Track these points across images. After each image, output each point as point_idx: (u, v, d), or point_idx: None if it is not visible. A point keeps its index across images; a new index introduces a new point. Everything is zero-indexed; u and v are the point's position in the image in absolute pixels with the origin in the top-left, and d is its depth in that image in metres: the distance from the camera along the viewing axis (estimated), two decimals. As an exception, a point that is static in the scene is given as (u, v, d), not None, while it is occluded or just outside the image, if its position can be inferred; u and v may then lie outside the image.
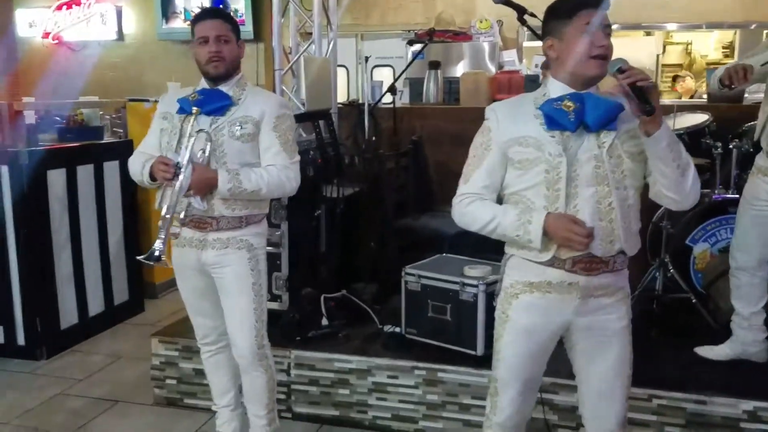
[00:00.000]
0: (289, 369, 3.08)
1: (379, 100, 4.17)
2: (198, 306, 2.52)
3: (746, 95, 4.17)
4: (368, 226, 3.82)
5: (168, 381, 3.26)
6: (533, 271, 1.85)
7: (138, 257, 2.36)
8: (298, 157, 2.44)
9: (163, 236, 2.25)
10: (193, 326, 2.59)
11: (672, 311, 3.30)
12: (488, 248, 3.62)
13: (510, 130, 1.83)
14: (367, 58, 4.44)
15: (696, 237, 3.46)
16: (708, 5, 6.14)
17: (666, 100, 5.96)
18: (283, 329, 3.15)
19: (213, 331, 2.56)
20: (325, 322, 3.27)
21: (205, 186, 2.28)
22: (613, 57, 1.79)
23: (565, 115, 1.77)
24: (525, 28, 3.28)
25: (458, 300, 3.00)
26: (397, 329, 3.17)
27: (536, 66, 4.98)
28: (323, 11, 4.20)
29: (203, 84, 2.40)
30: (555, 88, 1.83)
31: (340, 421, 3.02)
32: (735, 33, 7.17)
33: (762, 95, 2.73)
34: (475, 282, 2.97)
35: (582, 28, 1.76)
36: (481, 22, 5.63)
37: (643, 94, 1.71)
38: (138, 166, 2.38)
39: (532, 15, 3.08)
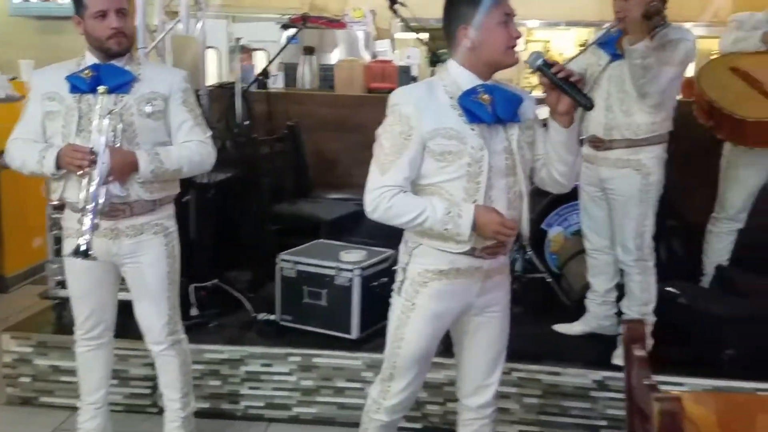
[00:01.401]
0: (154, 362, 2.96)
1: (252, 83, 4.09)
2: (93, 298, 2.37)
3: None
4: (243, 213, 3.76)
5: (22, 379, 3.04)
6: (444, 259, 1.89)
7: (63, 255, 2.20)
8: (210, 132, 2.36)
9: (87, 229, 2.07)
10: (77, 319, 2.42)
11: (530, 290, 3.50)
12: (364, 233, 3.73)
13: (432, 121, 1.82)
14: (238, 40, 4.33)
15: (550, 221, 3.72)
16: (567, 3, 6.52)
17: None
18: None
19: (99, 325, 2.42)
20: (194, 312, 3.18)
21: (127, 171, 2.14)
22: None
23: (484, 108, 1.82)
24: (398, 20, 3.34)
25: (334, 285, 3.03)
26: (272, 317, 3.15)
27: (408, 57, 5.11)
28: (192, -11, 4.06)
29: (91, 59, 2.22)
30: (463, 77, 1.86)
31: (211, 413, 2.95)
32: (591, 31, 7.70)
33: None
34: (350, 267, 3.01)
35: (500, 17, 1.82)
36: (354, 10, 5.66)
37: (575, 88, 1.80)
38: (29, 155, 2.18)
39: (402, 5, 3.14)
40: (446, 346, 2.16)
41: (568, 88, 1.80)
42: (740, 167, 3.27)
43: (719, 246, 3.39)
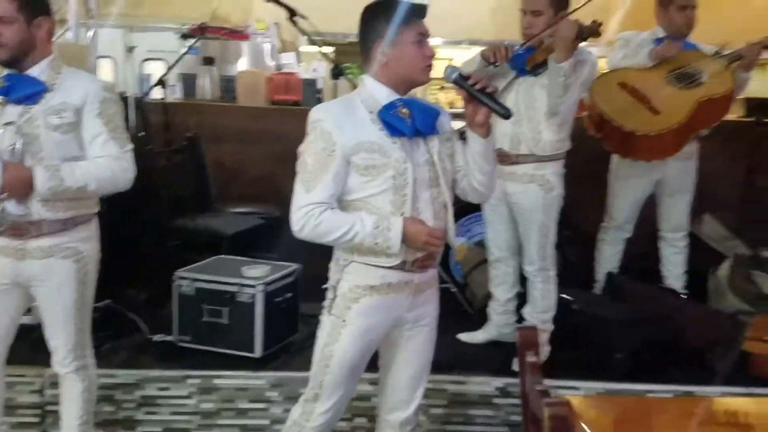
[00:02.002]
0: (43, 389, 2.78)
1: (147, 92, 3.95)
2: None
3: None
4: (140, 228, 3.59)
5: None
6: (375, 274, 1.88)
7: None
8: (130, 146, 2.22)
9: None
10: None
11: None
12: (267, 248, 3.65)
13: (354, 136, 1.83)
14: (131, 49, 4.18)
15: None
16: (468, 22, 6.71)
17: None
18: (35, 345, 2.82)
19: None
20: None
21: (21, 187, 2.00)
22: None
23: (404, 122, 1.84)
24: (301, 33, 3.32)
25: (235, 302, 2.95)
26: (169, 337, 3.03)
27: (314, 70, 5.09)
28: (80, -3, 3.91)
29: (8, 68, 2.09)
30: (380, 91, 1.87)
31: (105, 440, 2.80)
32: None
33: None
34: (253, 282, 2.95)
35: (415, 36, 1.85)
36: (258, 22, 5.59)
37: (492, 98, 1.84)
38: None
39: (303, 17, 3.12)
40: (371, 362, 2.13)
41: (485, 99, 1.85)
42: (626, 179, 3.45)
43: (609, 254, 3.56)
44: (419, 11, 1.85)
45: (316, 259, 3.24)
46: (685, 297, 3.50)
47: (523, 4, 2.83)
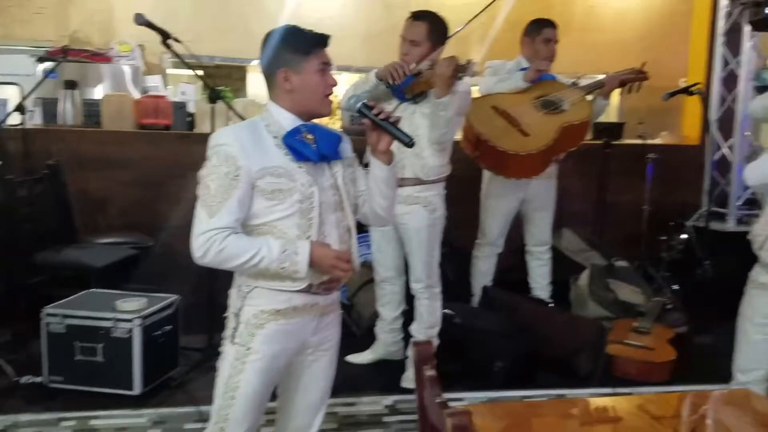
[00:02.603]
0: None
1: (4, 119, 3.65)
2: None
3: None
4: (-2, 265, 3.31)
5: None
6: (280, 298, 1.86)
7: None
8: None
9: None
10: None
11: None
12: (141, 279, 3.49)
13: (259, 160, 1.80)
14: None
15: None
16: (338, 50, 6.86)
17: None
18: None
19: None
20: (-61, 383, 2.73)
21: None
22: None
23: (309, 147, 1.85)
24: (168, 55, 3.24)
25: (111, 338, 2.81)
26: (38, 379, 2.81)
27: (183, 93, 4.96)
28: None
29: None
30: (285, 117, 1.87)
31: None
32: (361, 76, 8.19)
33: None
34: (129, 317, 2.82)
35: (318, 66, 1.86)
36: (120, 44, 5.37)
37: (395, 127, 1.90)
38: None
39: (177, 40, 3.05)
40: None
41: (388, 128, 1.92)
42: (497, 197, 3.68)
43: (483, 269, 3.78)
44: (322, 40, 1.88)
45: (200, 288, 3.20)
46: (552, 306, 3.77)
47: (403, 31, 2.96)
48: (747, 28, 4.41)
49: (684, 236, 4.20)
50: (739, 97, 4.55)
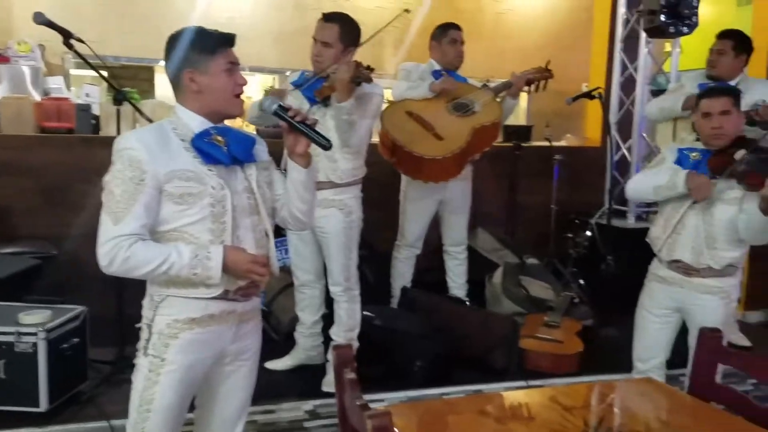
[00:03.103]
0: None
1: None
2: None
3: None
4: None
5: None
6: (195, 306, 1.80)
7: None
8: None
9: None
10: None
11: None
12: (45, 290, 3.31)
13: (166, 164, 1.74)
14: None
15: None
16: (250, 51, 6.77)
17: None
18: None
19: None
20: None
21: None
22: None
23: (219, 149, 1.80)
24: (71, 55, 3.09)
25: (13, 353, 2.67)
26: (-69, 401, 2.62)
27: (87, 95, 4.76)
28: None
29: None
30: (193, 120, 1.82)
31: None
32: (274, 78, 8.11)
33: None
34: (32, 330, 2.69)
35: (225, 65, 1.81)
36: (19, 44, 5.10)
37: (313, 130, 1.87)
38: None
39: (80, 40, 2.92)
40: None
41: (305, 130, 1.89)
42: (415, 200, 3.75)
43: (403, 270, 3.84)
44: (228, 40, 1.84)
45: (108, 298, 3.07)
46: (468, 304, 3.87)
47: (315, 32, 2.94)
48: (643, 35, 4.67)
49: (588, 233, 4.40)
50: (637, 101, 4.81)
